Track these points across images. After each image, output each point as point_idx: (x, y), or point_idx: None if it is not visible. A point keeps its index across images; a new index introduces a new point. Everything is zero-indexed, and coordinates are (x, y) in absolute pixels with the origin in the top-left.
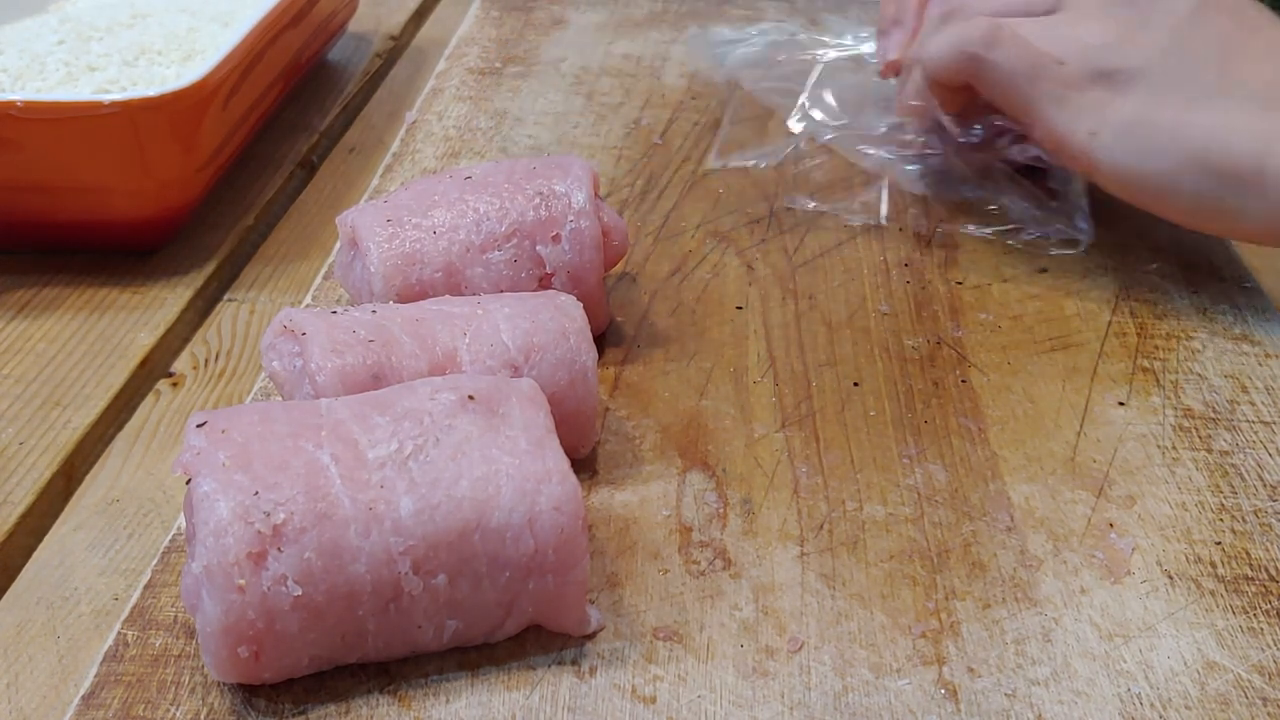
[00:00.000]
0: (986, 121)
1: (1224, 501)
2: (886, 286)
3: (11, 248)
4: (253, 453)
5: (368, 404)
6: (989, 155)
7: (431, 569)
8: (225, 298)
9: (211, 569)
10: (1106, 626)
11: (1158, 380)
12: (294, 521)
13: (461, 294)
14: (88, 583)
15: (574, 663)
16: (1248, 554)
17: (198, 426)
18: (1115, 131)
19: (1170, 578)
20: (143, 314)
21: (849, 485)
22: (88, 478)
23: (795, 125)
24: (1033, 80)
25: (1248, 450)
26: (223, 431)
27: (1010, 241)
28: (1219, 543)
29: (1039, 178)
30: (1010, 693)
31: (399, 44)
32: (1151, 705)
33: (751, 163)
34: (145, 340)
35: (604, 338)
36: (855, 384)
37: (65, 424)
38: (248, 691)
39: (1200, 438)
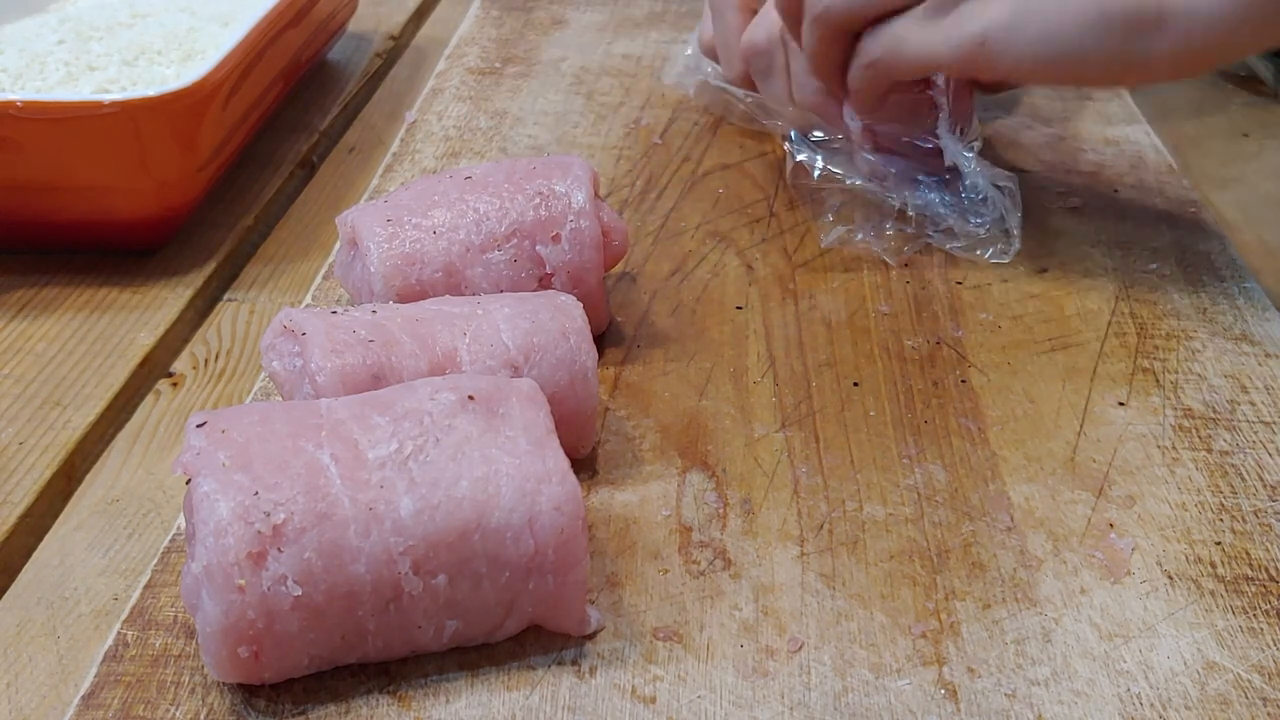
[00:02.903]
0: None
1: (1224, 501)
2: (886, 286)
3: (11, 248)
4: (253, 453)
5: (368, 404)
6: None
7: (431, 569)
8: (225, 298)
9: (211, 569)
10: (1106, 626)
11: (1158, 380)
12: (294, 521)
13: (461, 294)
14: (88, 583)
15: (574, 663)
16: (1248, 554)
17: (198, 426)
18: (1005, 27)
19: (1170, 578)
20: (143, 314)
21: (849, 485)
22: (88, 478)
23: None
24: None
25: (1248, 450)
26: (223, 431)
27: (950, 248)
28: (1219, 543)
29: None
30: (1010, 693)
31: (399, 44)
32: (1151, 705)
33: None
34: (145, 340)
35: (604, 338)
36: (855, 384)
37: (65, 424)
38: (248, 691)
39: (1200, 438)
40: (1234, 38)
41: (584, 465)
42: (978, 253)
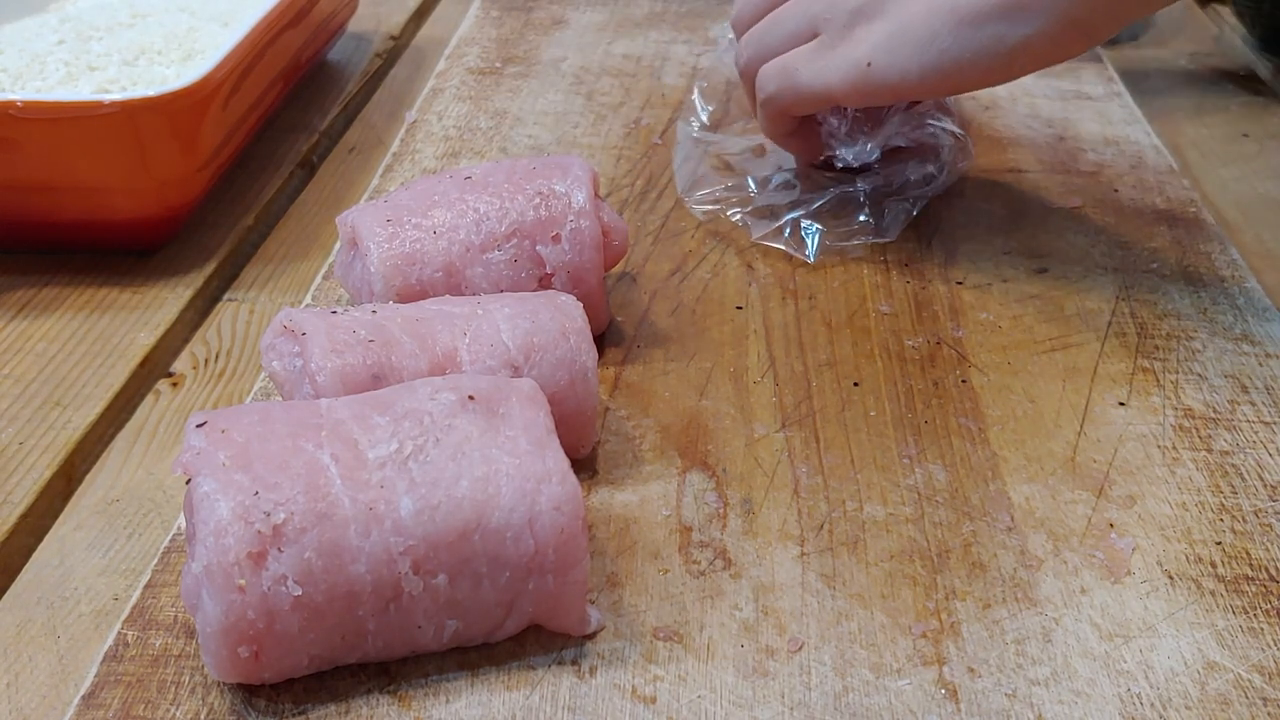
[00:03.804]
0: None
1: (1224, 501)
2: (886, 286)
3: (11, 248)
4: (253, 453)
5: (368, 404)
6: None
7: (431, 569)
8: (225, 298)
9: (211, 569)
10: (1106, 626)
11: (1158, 380)
12: (294, 521)
13: (461, 294)
14: (88, 583)
15: (574, 663)
16: (1248, 554)
17: (198, 426)
18: (884, 48)
19: (1170, 578)
20: (143, 314)
21: (849, 485)
22: (88, 478)
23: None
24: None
25: (1248, 450)
26: (223, 431)
27: (932, 192)
28: (1219, 543)
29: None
30: (1010, 693)
31: (399, 44)
32: (1151, 705)
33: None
34: (145, 340)
35: (604, 338)
36: (855, 384)
37: (65, 424)
38: (248, 691)
39: (1200, 438)
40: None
41: (584, 465)
42: (949, 175)
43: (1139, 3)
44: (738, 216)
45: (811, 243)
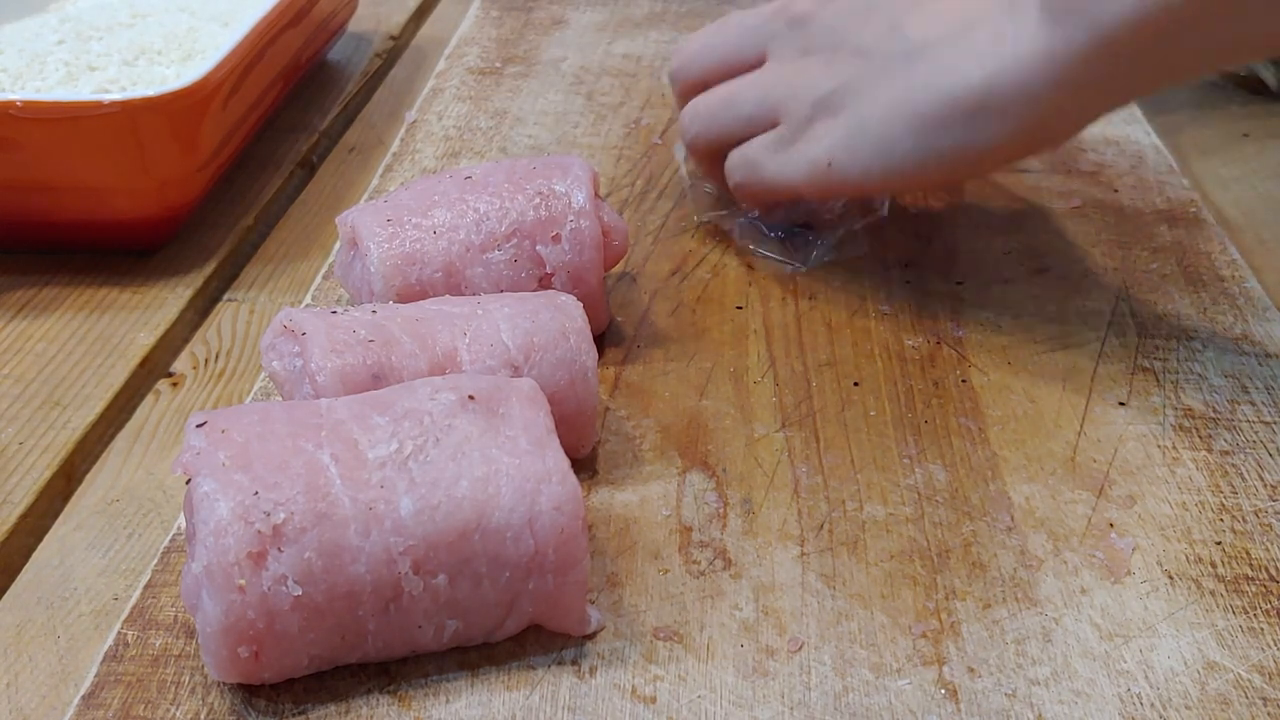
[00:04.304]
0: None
1: (1224, 501)
2: (886, 286)
3: (11, 248)
4: (253, 453)
5: (367, 404)
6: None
7: (431, 569)
8: (225, 298)
9: (211, 569)
10: (1106, 626)
11: (1158, 380)
12: (294, 521)
13: (461, 294)
14: (88, 583)
15: (574, 663)
16: (1248, 554)
17: (198, 426)
18: (844, 147)
19: (1170, 578)
20: (143, 314)
21: (849, 485)
22: (88, 478)
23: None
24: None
25: (1248, 450)
26: (223, 431)
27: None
28: (1219, 543)
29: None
30: (1010, 693)
31: (399, 44)
32: (1151, 705)
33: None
34: (145, 340)
35: (604, 338)
36: (855, 384)
37: (65, 424)
38: (248, 691)
39: (1200, 438)
40: (1079, 102)
41: (584, 465)
42: None
43: (1104, 105)
44: (736, 227)
45: (808, 250)
